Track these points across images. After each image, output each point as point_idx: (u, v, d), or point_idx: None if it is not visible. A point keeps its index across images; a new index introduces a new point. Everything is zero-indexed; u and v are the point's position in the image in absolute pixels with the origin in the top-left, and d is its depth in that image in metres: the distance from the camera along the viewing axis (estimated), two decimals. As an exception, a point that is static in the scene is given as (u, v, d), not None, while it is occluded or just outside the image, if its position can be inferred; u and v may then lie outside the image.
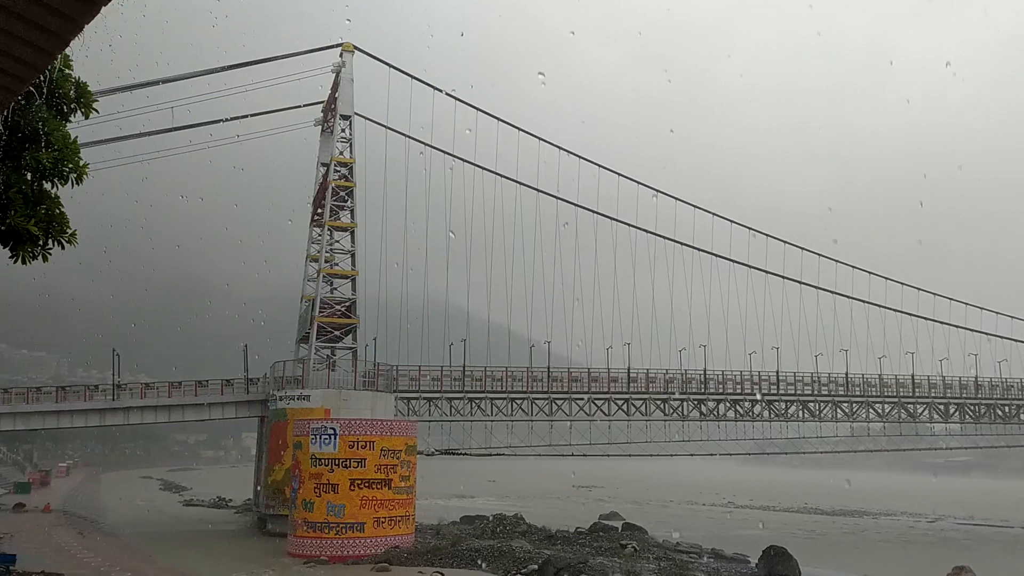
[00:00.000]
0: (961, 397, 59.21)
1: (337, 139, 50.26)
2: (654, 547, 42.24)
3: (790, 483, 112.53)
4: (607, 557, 37.48)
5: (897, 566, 37.96)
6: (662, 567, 35.19)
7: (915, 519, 73.10)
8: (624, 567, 33.92)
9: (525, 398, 52.31)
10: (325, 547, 35.35)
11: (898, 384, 57.90)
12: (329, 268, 49.67)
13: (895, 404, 58.32)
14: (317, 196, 53.21)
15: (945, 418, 60.89)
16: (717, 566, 37.13)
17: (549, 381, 52.59)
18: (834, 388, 57.05)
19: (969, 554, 39.93)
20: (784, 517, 71.60)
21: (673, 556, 39.12)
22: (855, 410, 58.13)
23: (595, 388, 53.84)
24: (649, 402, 54.65)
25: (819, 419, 58.00)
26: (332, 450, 36.28)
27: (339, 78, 50.62)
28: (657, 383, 54.75)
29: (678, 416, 55.38)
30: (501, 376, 51.99)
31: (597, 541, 43.01)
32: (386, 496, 36.51)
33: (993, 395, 59.63)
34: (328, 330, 48.45)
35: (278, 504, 43.31)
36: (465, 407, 51.70)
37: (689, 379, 55.01)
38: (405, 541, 36.91)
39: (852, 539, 57.80)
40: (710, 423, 56.96)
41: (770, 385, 56.15)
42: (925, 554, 45.34)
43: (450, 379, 50.74)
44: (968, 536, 60.41)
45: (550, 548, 39.02)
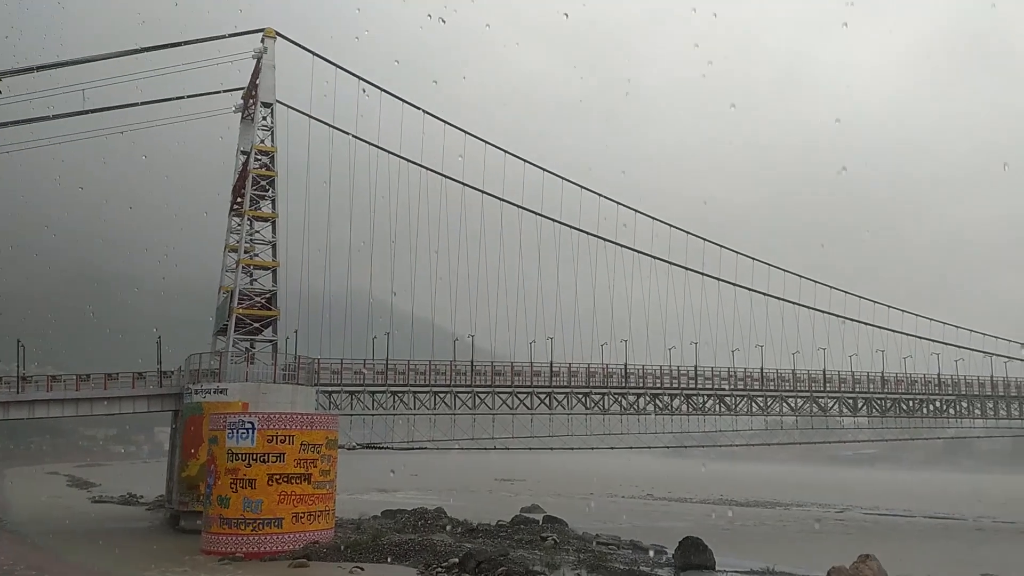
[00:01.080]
0: (869, 392, 61.59)
1: (258, 127, 49.14)
2: (574, 539, 42.72)
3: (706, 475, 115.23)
4: (528, 549, 37.75)
5: (806, 555, 39.23)
6: (581, 559, 35.60)
7: (824, 509, 75.77)
8: (544, 559, 34.20)
9: (448, 392, 52.24)
10: (241, 544, 34.61)
11: (810, 379, 59.88)
12: (249, 259, 48.54)
13: (807, 398, 60.31)
14: (237, 185, 51.96)
15: (853, 412, 63.24)
16: (635, 557, 37.77)
17: (472, 375, 52.63)
18: (749, 383, 58.65)
19: (874, 543, 41.53)
20: (700, 508, 73.33)
21: (592, 548, 39.62)
22: (769, 404, 59.87)
23: (518, 382, 54.13)
24: (571, 396, 55.24)
25: (735, 413, 59.55)
26: (250, 444, 35.53)
27: (260, 64, 49.50)
28: (579, 377, 55.36)
29: (599, 410, 56.13)
30: (424, 370, 51.78)
31: (518, 534, 43.25)
32: (306, 491, 35.96)
33: (898, 390, 62.20)
34: (247, 322, 47.38)
35: (192, 500, 42.22)
36: (388, 401, 51.36)
37: (610, 373, 55.75)
38: (325, 536, 36.43)
39: (765, 529, 59.58)
40: (630, 417, 57.92)
41: (688, 380, 57.37)
42: (833, 543, 46.98)
43: (373, 373, 50.32)
44: (874, 525, 62.95)
45: (471, 541, 39.05)
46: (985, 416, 66.94)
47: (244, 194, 48.56)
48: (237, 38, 49.90)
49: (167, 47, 48.97)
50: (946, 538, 55.69)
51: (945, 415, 65.15)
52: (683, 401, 57.70)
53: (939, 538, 55.92)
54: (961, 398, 64.11)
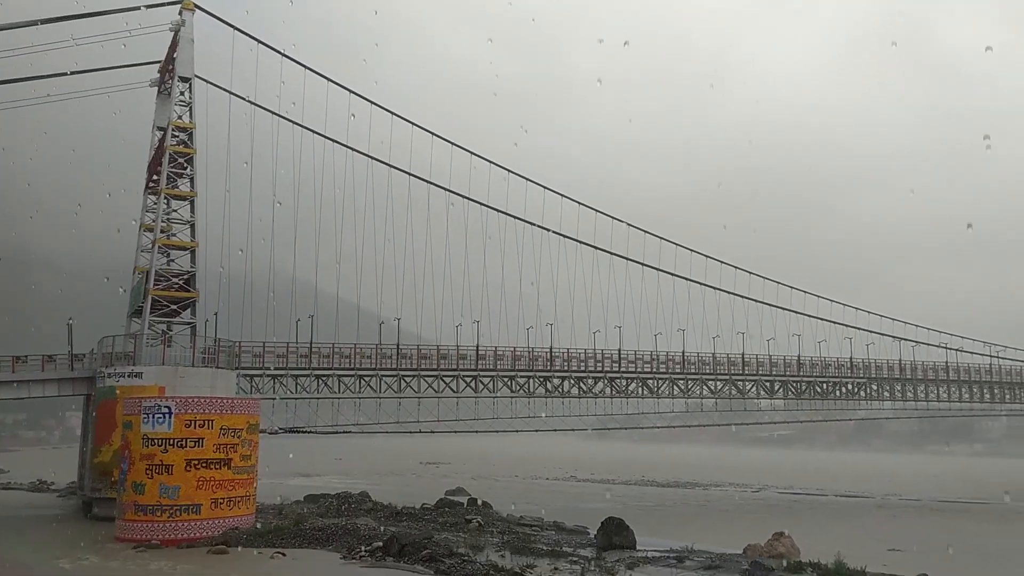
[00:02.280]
0: (785, 375, 63.42)
1: (175, 102, 47.57)
2: (498, 521, 42.98)
3: (629, 457, 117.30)
4: (452, 532, 37.79)
5: (724, 533, 40.31)
6: (505, 540, 35.80)
7: (741, 489, 78.02)
8: (468, 541, 34.27)
9: (373, 375, 51.77)
10: (157, 531, 33.71)
11: (729, 363, 61.34)
12: (166, 239, 47.09)
13: (726, 381, 61.78)
14: (152, 162, 50.20)
15: (770, 394, 65.12)
16: (558, 538, 38.17)
17: (398, 358, 52.28)
18: (671, 366, 59.75)
19: (788, 520, 43.00)
20: (623, 489, 74.64)
21: (516, 529, 39.94)
22: (690, 387, 61.17)
23: (444, 365, 54.01)
24: (497, 379, 55.39)
25: (657, 395, 60.65)
26: (166, 429, 34.57)
27: (178, 37, 47.85)
28: (505, 360, 55.50)
29: (524, 393, 56.45)
30: (350, 353, 51.20)
31: (443, 516, 43.26)
32: (225, 476, 35.20)
33: (813, 373, 64.21)
34: (164, 304, 46.01)
35: (105, 487, 40.92)
36: (311, 384, 50.63)
37: (536, 357, 56.08)
38: (245, 522, 35.76)
39: (684, 509, 61.05)
40: (555, 400, 58.46)
41: (612, 363, 58.14)
42: (749, 521, 48.43)
43: (296, 356, 49.51)
44: (788, 504, 65.10)
45: (396, 525, 38.91)
46: (893, 398, 69.77)
47: (160, 172, 46.99)
48: (154, 10, 48.16)
49: (77, 17, 46.90)
50: (856, 515, 57.91)
51: (856, 397, 67.66)
52: (607, 384, 58.46)
53: (849, 515, 58.13)
54: (871, 381, 66.61)
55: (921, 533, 47.11)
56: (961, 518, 56.90)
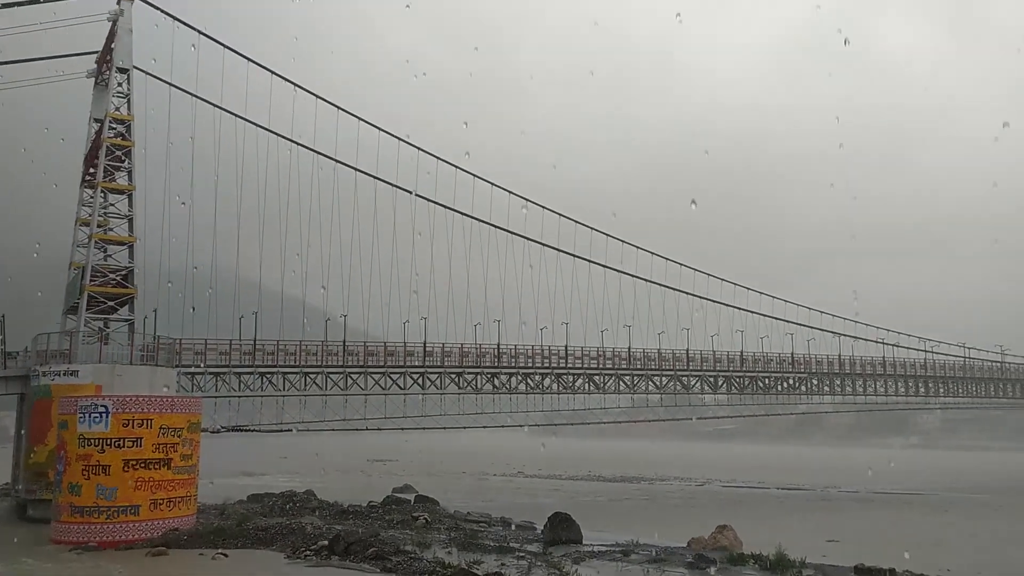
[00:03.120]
0: (728, 370, 64.46)
1: (113, 93, 46.28)
2: (446, 518, 42.84)
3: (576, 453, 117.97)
4: (399, 529, 37.56)
5: (668, 527, 40.77)
6: (453, 537, 35.70)
7: (686, 483, 79.18)
8: (415, 538, 34.09)
9: (319, 372, 51.20)
10: (94, 532, 32.85)
11: (674, 358, 62.09)
12: (103, 233, 45.81)
13: (671, 377, 62.53)
14: (89, 155, 48.78)
15: (714, 390, 66.15)
16: (505, 534, 38.19)
17: (345, 355, 51.77)
18: (617, 362, 60.29)
19: (731, 513, 43.67)
20: (570, 485, 75.18)
21: (464, 526, 39.85)
22: (636, 382, 61.79)
23: (391, 362, 53.68)
24: (444, 376, 55.24)
25: (603, 391, 61.15)
26: (103, 429, 33.68)
27: (116, 27, 46.57)
28: (452, 357, 55.39)
29: (472, 389, 56.41)
30: (295, 350, 50.54)
31: (390, 514, 42.96)
32: (165, 476, 34.44)
33: (755, 368, 65.39)
34: (101, 300, 44.78)
35: (41, 488, 39.66)
36: (255, 382, 49.84)
37: (483, 353, 56.07)
38: (186, 523, 35.03)
39: (630, 503, 61.68)
40: (502, 396, 58.55)
41: (559, 359, 58.43)
42: (693, 515, 49.11)
43: (239, 353, 48.68)
44: (731, 497, 66.25)
45: (342, 523, 38.50)
46: (833, 392, 71.45)
47: (97, 165, 45.72)
48: (91, -1, 46.87)
49: (11, 6, 45.37)
50: (797, 507, 59.17)
51: (797, 392, 69.14)
52: (554, 380, 58.73)
53: (790, 507, 59.34)
54: (812, 376, 68.06)
55: (858, 524, 48.35)
56: (897, 509, 58.51)
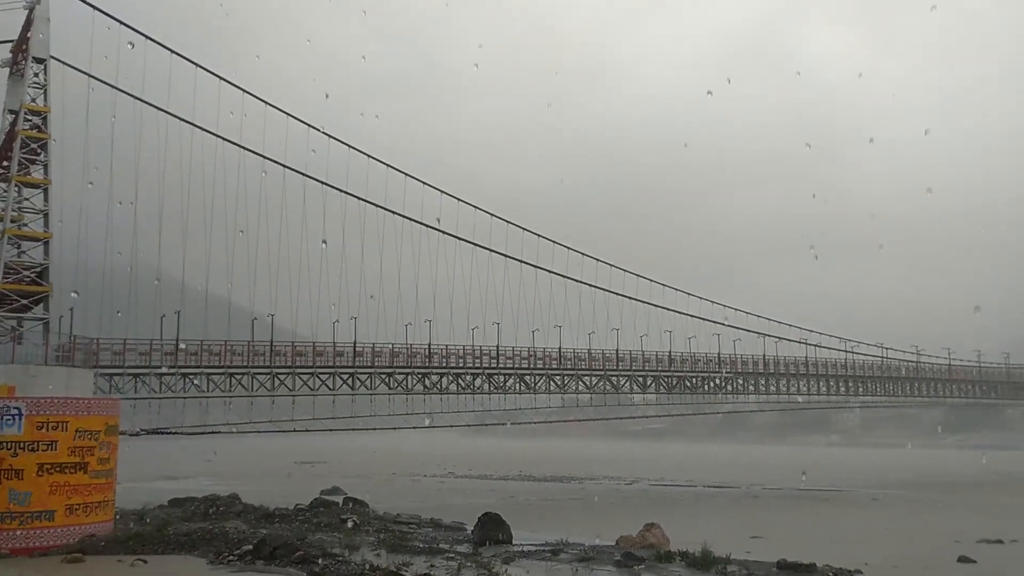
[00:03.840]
0: (657, 370, 65.27)
1: (28, 84, 44.43)
2: (375, 520, 42.47)
3: (507, 453, 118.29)
4: (327, 532, 37.09)
5: (598, 526, 41.09)
6: (382, 539, 35.41)
7: (615, 482, 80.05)
8: (344, 541, 33.69)
9: (245, 373, 50.04)
10: (6, 539, 31.48)
11: (604, 358, 62.61)
12: (16, 229, 43.96)
13: (601, 377, 63.07)
14: (3, 147, 46.73)
15: (643, 389, 66.92)
16: (435, 535, 38.04)
17: (272, 355, 50.75)
18: (548, 362, 60.54)
19: (659, 511, 44.28)
20: (501, 485, 75.25)
21: (393, 527, 39.56)
22: (566, 382, 62.13)
23: (321, 362, 52.84)
24: (374, 376, 54.65)
25: (534, 391, 61.30)
26: (16, 432, 32.34)
27: (32, 16, 44.73)
28: (383, 357, 54.84)
29: (403, 389, 55.95)
30: (220, 350, 49.29)
31: (318, 517, 42.36)
32: (81, 481, 33.26)
33: (683, 368, 66.37)
34: (13, 299, 42.96)
35: (-53, 495, 37.89)
36: (178, 383, 48.42)
37: (414, 353, 55.66)
38: (103, 528, 33.90)
39: (560, 503, 62.06)
40: (433, 396, 58.22)
41: (490, 359, 58.38)
42: (622, 513, 49.65)
43: (161, 354, 47.24)
44: (660, 495, 67.24)
45: (267, 527, 37.84)
46: (758, 392, 73.05)
47: (11, 158, 43.83)
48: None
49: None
50: (723, 505, 60.35)
51: (724, 391, 70.46)
52: (484, 380, 58.63)
53: (717, 505, 60.51)
54: (738, 375, 69.46)
55: (781, 520, 49.57)
56: (819, 505, 60.17)
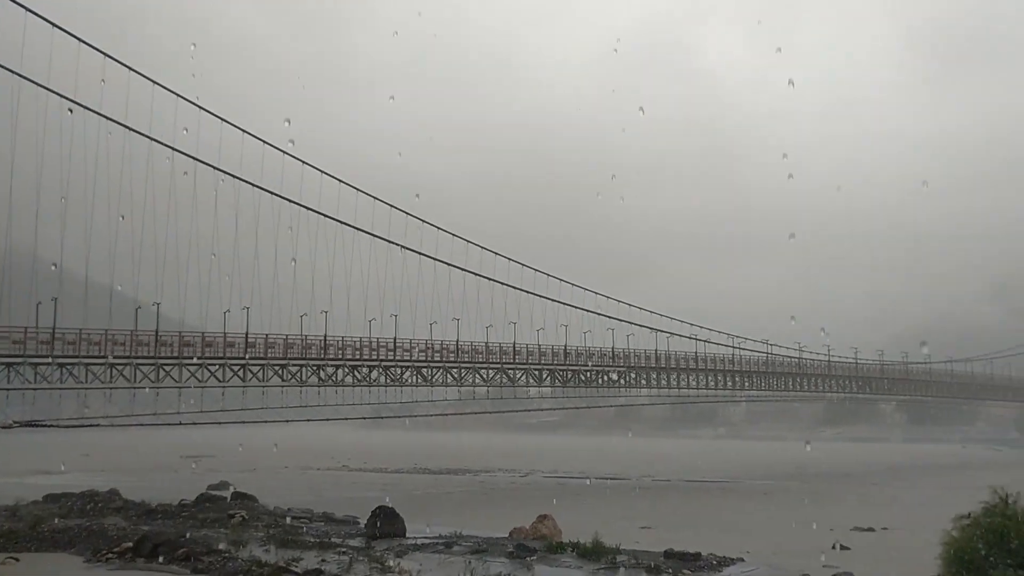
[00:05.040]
0: (553, 364, 66.18)
1: None
2: (265, 515, 41.42)
3: (403, 445, 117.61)
4: (213, 528, 35.97)
5: (491, 518, 41.34)
6: (271, 534, 34.57)
7: (510, 474, 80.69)
8: (230, 537, 32.71)
9: (127, 364, 48.04)
10: None
11: (501, 351, 63.06)
12: None
13: (498, 370, 63.46)
14: None
15: (539, 382, 67.76)
16: (327, 529, 37.45)
17: (157, 346, 48.89)
18: (445, 355, 60.50)
19: (552, 503, 44.81)
20: (396, 478, 74.75)
21: (283, 522, 38.66)
22: (463, 375, 62.26)
23: (210, 353, 51.27)
24: (267, 368, 53.39)
25: (431, 384, 61.18)
26: None
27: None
28: (276, 349, 53.66)
29: (296, 382, 54.87)
30: (100, 340, 47.16)
31: (203, 513, 41.05)
32: (-55, 477, 31.32)
33: (579, 362, 67.49)
34: None
35: None
36: (54, 373, 46.08)
37: (309, 345, 54.66)
38: (-31, 527, 32.00)
39: (455, 495, 62.09)
40: (328, 388, 57.31)
41: (387, 351, 57.88)
42: (516, 505, 50.01)
43: (36, 342, 44.83)
44: (553, 487, 68.14)
45: (149, 523, 36.44)
46: (650, 386, 75.04)
47: None
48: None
49: None
50: (614, 496, 61.52)
51: (617, 385, 72.05)
52: (381, 372, 58.14)
53: (608, 497, 61.62)
54: (631, 370, 71.12)
55: (669, 510, 51.01)
56: (705, 496, 62.21)
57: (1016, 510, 16.65)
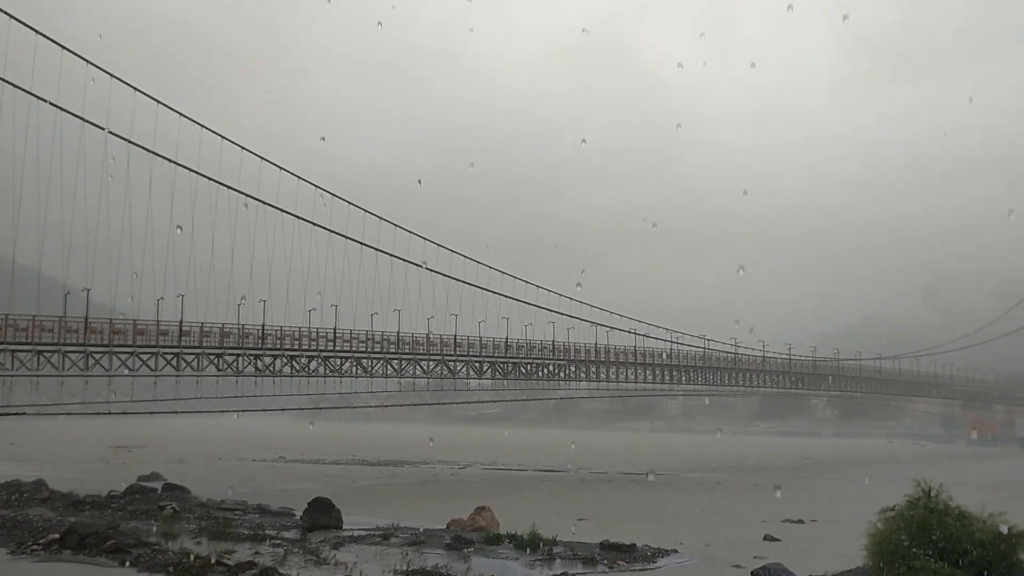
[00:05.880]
0: (493, 356, 66.21)
1: None
2: (197, 506, 40.79)
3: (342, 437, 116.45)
4: (143, 520, 35.30)
5: (430, 509, 41.28)
6: (203, 526, 34.02)
7: (449, 466, 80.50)
8: (161, 529, 32.11)
9: (56, 351, 46.60)
10: None
11: (442, 343, 62.85)
12: None
13: (439, 361, 63.23)
14: None
15: (479, 375, 67.72)
16: (262, 521, 37.00)
17: (87, 332, 47.52)
18: (386, 346, 60.06)
19: (491, 495, 44.95)
20: (334, 470, 73.93)
21: (216, 514, 38.11)
22: (404, 366, 61.88)
23: (142, 341, 50.00)
24: (202, 357, 52.31)
25: (371, 375, 60.66)
26: None
27: None
28: (212, 337, 52.60)
29: (232, 371, 53.88)
30: (27, 326, 45.68)
31: (133, 504, 40.24)
32: None
33: (519, 355, 67.66)
34: None
35: None
36: (-24, 360, 44.53)
37: (246, 334, 53.73)
38: None
39: (393, 487, 61.80)
40: (266, 379, 56.42)
41: (327, 342, 57.22)
42: (454, 497, 50.00)
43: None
44: (492, 479, 68.25)
45: (76, 515, 35.59)
46: (589, 379, 75.60)
47: None
48: None
49: None
50: (552, 488, 61.93)
51: (557, 378, 72.42)
52: (321, 363, 57.45)
53: (546, 488, 62.03)
54: (570, 363, 71.55)
55: (605, 502, 51.54)
56: (642, 488, 62.98)
57: (938, 503, 17.24)
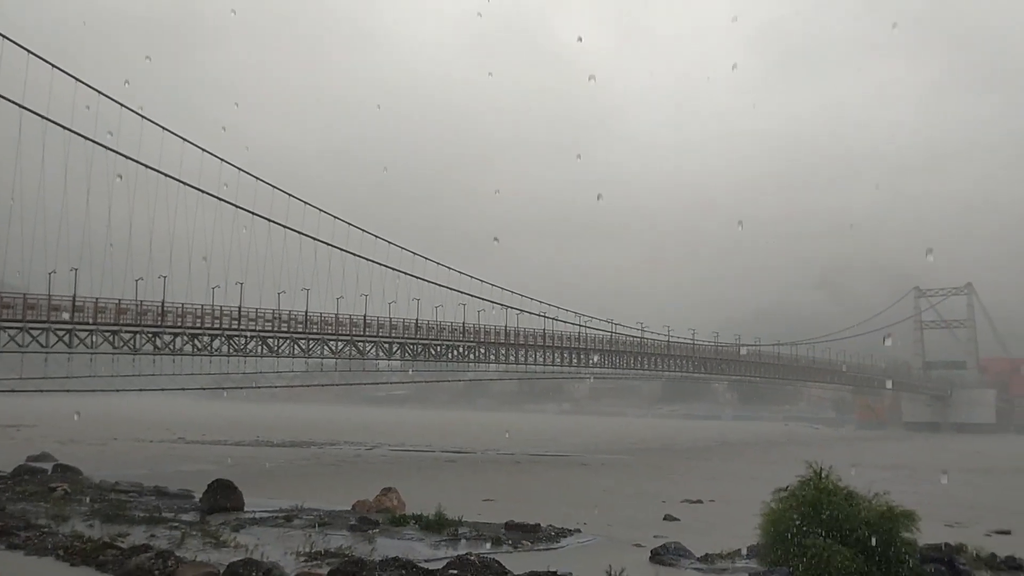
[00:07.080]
0: (403, 337, 65.84)
1: None
2: (90, 488, 39.17)
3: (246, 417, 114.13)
4: (32, 502, 33.66)
5: (335, 491, 40.81)
6: (96, 508, 32.68)
7: (356, 447, 79.86)
8: (51, 511, 30.74)
9: (-63, 325, 44.10)
10: None
11: (351, 323, 62.11)
12: None
13: (348, 342, 62.50)
14: None
15: (389, 355, 67.26)
16: (158, 503, 35.78)
17: (-29, 306, 45.09)
18: (293, 325, 58.98)
19: (397, 476, 44.86)
20: (236, 451, 72.33)
21: (110, 496, 36.68)
22: (311, 347, 60.91)
23: (32, 316, 47.72)
24: (96, 333, 50.27)
25: (277, 354, 59.50)
26: None
27: None
28: (107, 314, 50.58)
29: (129, 349, 51.99)
30: (-98, 298, 43.06)
31: (20, 485, 38.34)
32: None
33: (429, 336, 67.48)
34: None
35: None
36: None
37: (145, 311, 51.88)
38: None
39: (298, 468, 60.85)
40: (165, 357, 54.68)
41: (232, 320, 55.80)
42: (361, 478, 49.70)
43: None
44: (399, 460, 68.02)
45: (-42, 497, 33.69)
46: (498, 361, 76.01)
47: None
48: None
49: None
50: (459, 469, 62.17)
51: (467, 359, 72.56)
52: (224, 342, 56.00)
53: (453, 470, 62.20)
54: (480, 345, 71.76)
55: (512, 483, 52.05)
56: (547, 469, 63.87)
57: (828, 483, 17.99)
